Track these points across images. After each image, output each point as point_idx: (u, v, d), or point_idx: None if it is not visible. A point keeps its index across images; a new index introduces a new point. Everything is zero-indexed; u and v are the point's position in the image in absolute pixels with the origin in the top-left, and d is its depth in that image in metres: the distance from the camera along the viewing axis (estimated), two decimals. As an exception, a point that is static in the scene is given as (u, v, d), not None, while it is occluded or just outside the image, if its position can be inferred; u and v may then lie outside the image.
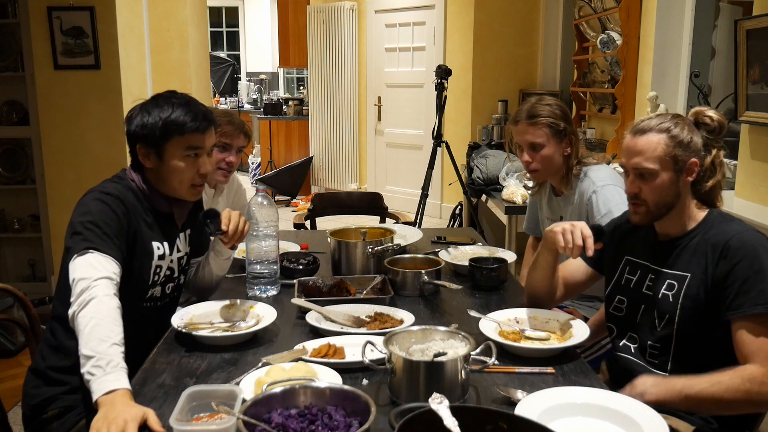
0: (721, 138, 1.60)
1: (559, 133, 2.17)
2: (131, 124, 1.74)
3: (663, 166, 1.55)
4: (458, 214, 5.41)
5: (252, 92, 10.85)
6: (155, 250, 1.77)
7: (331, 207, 3.50)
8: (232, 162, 2.40)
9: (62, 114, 3.96)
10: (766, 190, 2.76)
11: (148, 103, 1.74)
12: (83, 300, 1.43)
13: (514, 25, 6.02)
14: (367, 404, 1.11)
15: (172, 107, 1.71)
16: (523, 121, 2.19)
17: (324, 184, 7.73)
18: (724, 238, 1.52)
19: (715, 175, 1.59)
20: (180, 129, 1.71)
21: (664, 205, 1.58)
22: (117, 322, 1.42)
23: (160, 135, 1.70)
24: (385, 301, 1.84)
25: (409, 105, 6.76)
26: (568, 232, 1.66)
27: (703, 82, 3.82)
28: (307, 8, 7.67)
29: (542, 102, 2.20)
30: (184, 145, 1.73)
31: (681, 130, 1.56)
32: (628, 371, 1.65)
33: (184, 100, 1.75)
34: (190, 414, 1.23)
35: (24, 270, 4.25)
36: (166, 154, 1.73)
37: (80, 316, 1.41)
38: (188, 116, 1.72)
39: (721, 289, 1.49)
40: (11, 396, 1.88)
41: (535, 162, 2.19)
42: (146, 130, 1.71)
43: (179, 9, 5.98)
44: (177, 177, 1.75)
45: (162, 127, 1.70)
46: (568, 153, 2.19)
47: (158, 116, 1.70)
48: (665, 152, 1.55)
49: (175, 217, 1.85)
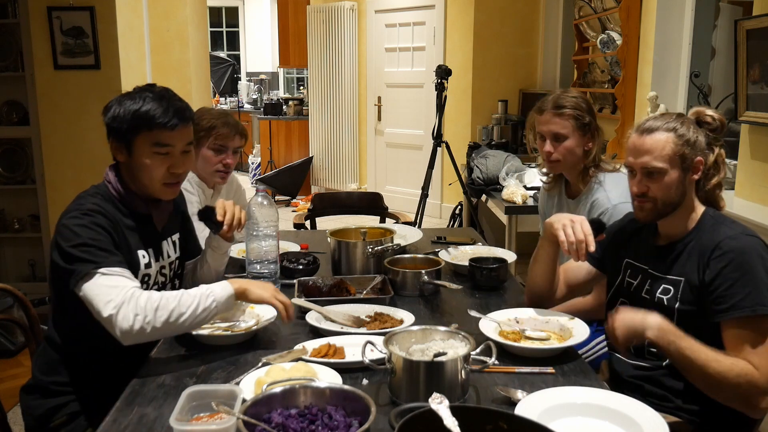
0: (722, 137, 1.62)
1: (583, 126, 2.15)
2: (106, 115, 1.66)
3: (672, 165, 1.56)
4: (458, 214, 5.41)
5: (252, 92, 10.85)
6: (140, 259, 1.71)
7: (331, 207, 3.50)
8: (230, 164, 2.39)
9: (62, 114, 3.96)
10: (766, 190, 2.76)
11: (126, 94, 1.67)
12: (133, 314, 1.45)
13: (514, 25, 6.02)
14: (367, 404, 1.11)
15: (144, 100, 1.62)
16: (549, 110, 2.17)
17: (324, 184, 7.73)
18: (715, 242, 1.52)
19: (719, 173, 1.61)
20: (148, 123, 1.62)
21: (670, 203, 1.59)
22: (156, 293, 1.52)
23: (127, 128, 1.62)
24: (385, 301, 1.84)
25: (409, 105, 6.76)
26: (569, 227, 1.67)
27: (703, 82, 3.82)
28: (307, 8, 7.67)
29: (568, 94, 2.20)
30: (152, 141, 1.63)
31: (687, 129, 1.57)
32: (623, 371, 1.66)
33: (160, 94, 1.65)
34: (190, 414, 1.23)
35: (24, 270, 4.25)
36: (135, 150, 1.64)
37: (150, 318, 1.46)
38: (158, 110, 1.62)
39: (710, 292, 1.50)
40: (11, 396, 1.87)
41: (556, 152, 2.16)
42: (116, 122, 1.63)
43: (179, 9, 5.98)
44: (147, 174, 1.66)
45: (130, 120, 1.62)
46: (590, 148, 2.17)
47: (129, 108, 1.62)
48: (674, 151, 1.56)
49: (154, 220, 1.77)
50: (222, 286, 1.57)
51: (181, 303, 1.49)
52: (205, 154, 2.34)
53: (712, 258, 1.51)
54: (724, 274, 1.48)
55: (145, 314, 1.46)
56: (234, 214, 1.83)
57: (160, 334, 1.50)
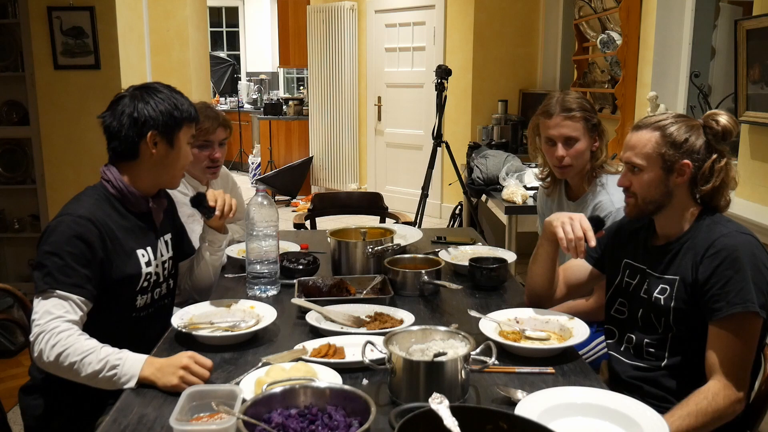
0: (725, 143, 1.57)
1: (592, 127, 2.13)
2: (140, 112, 1.68)
3: (650, 163, 1.57)
4: (458, 214, 5.41)
5: (252, 92, 10.84)
6: (141, 258, 1.73)
7: (331, 207, 3.50)
8: (218, 158, 2.34)
9: (62, 114, 3.97)
10: (766, 190, 2.76)
11: (141, 95, 1.70)
12: (45, 348, 1.48)
13: (514, 25, 6.02)
14: (367, 404, 1.11)
15: (173, 96, 1.74)
16: (558, 114, 2.11)
17: (324, 184, 7.73)
18: (709, 241, 1.52)
19: (712, 180, 1.55)
20: (190, 117, 1.75)
21: (651, 201, 1.59)
22: (83, 336, 1.50)
23: (174, 123, 1.71)
24: (385, 301, 1.84)
25: (409, 105, 6.76)
26: (567, 224, 1.68)
27: (703, 82, 3.82)
28: (307, 8, 7.67)
29: (571, 95, 2.16)
30: (191, 133, 1.78)
31: (677, 130, 1.56)
32: (622, 371, 1.67)
33: (170, 88, 1.77)
34: (190, 414, 1.23)
35: (24, 270, 4.25)
36: (177, 142, 1.74)
37: (52, 360, 1.47)
38: (191, 106, 1.77)
39: (705, 291, 1.50)
40: (11, 396, 1.87)
41: (569, 156, 2.11)
42: (162, 119, 1.70)
43: (179, 9, 5.99)
44: (184, 163, 1.79)
45: (176, 115, 1.71)
46: (597, 147, 2.15)
47: (169, 105, 1.71)
48: (654, 150, 1.56)
49: (153, 216, 1.80)
50: (132, 365, 1.44)
51: (84, 361, 1.47)
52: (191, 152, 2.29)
53: (706, 256, 1.51)
54: (719, 273, 1.48)
55: (47, 355, 1.49)
56: (225, 201, 1.87)
57: (61, 374, 1.51)
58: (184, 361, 1.41)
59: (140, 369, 1.43)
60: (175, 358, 1.43)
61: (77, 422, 1.68)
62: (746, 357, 1.48)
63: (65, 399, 1.67)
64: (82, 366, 1.46)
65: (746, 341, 1.47)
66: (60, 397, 1.68)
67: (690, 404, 1.44)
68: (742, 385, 1.47)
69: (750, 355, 1.49)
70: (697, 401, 1.44)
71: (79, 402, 1.66)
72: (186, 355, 1.43)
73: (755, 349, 1.50)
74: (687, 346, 1.57)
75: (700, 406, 1.43)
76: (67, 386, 1.53)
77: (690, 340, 1.56)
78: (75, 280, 1.55)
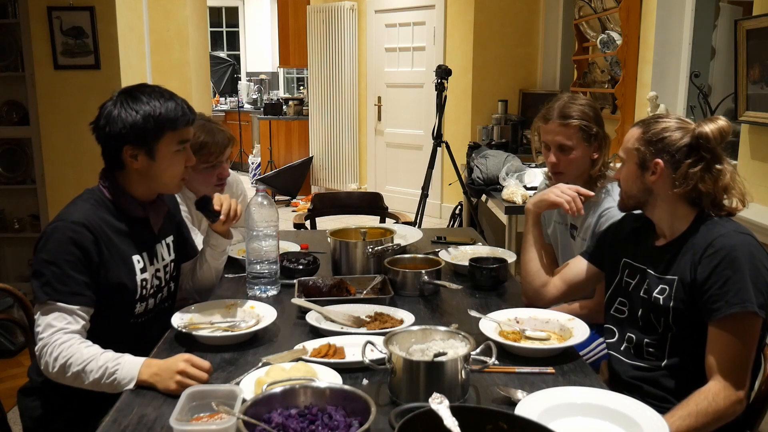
0: (704, 150, 1.53)
1: (590, 136, 2.06)
2: (109, 126, 1.62)
3: (629, 158, 1.64)
4: (458, 214, 5.41)
5: (252, 92, 10.85)
6: (135, 264, 1.71)
7: (331, 207, 3.50)
8: (225, 176, 2.30)
9: (62, 114, 3.96)
10: (766, 190, 2.76)
11: (124, 101, 1.64)
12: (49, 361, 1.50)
13: (514, 25, 6.02)
14: (367, 404, 1.11)
15: (156, 101, 1.63)
16: (554, 120, 2.07)
17: (324, 184, 7.73)
18: (707, 241, 1.52)
19: (686, 183, 1.53)
20: (173, 123, 1.64)
21: (631, 196, 1.66)
22: (83, 345, 1.52)
23: (152, 132, 1.62)
24: (385, 301, 1.84)
25: (409, 105, 6.76)
26: (557, 190, 1.86)
27: (703, 82, 3.82)
28: (307, 8, 7.67)
29: (575, 101, 2.09)
30: (177, 140, 1.67)
31: (662, 130, 1.57)
32: (622, 371, 1.67)
33: (160, 92, 1.67)
34: (191, 414, 1.23)
35: (24, 270, 4.25)
36: (159, 152, 1.65)
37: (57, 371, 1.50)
38: (177, 109, 1.65)
39: (703, 291, 1.50)
40: (11, 396, 1.87)
41: (561, 164, 2.09)
42: (136, 129, 1.61)
43: (179, 9, 5.99)
44: (170, 173, 1.69)
45: (155, 123, 1.62)
46: (596, 157, 2.09)
47: (147, 112, 1.61)
48: (633, 145, 1.62)
49: (151, 222, 1.77)
50: (129, 369, 1.45)
51: (86, 369, 1.49)
52: (200, 175, 2.19)
53: (704, 256, 1.51)
54: (717, 273, 1.48)
55: (52, 367, 1.51)
56: (231, 206, 1.86)
57: (70, 384, 1.53)
58: (180, 366, 1.40)
59: (138, 372, 1.44)
60: (172, 362, 1.42)
61: (76, 424, 1.68)
62: (746, 357, 1.48)
63: (63, 401, 1.67)
64: (84, 375, 1.48)
65: (745, 341, 1.47)
66: (58, 399, 1.67)
67: (690, 404, 1.44)
68: (742, 385, 1.47)
69: (750, 355, 1.49)
70: (697, 401, 1.44)
71: (77, 404, 1.66)
72: (182, 359, 1.42)
73: (755, 349, 1.50)
74: (687, 346, 1.57)
75: (700, 407, 1.43)
76: (65, 388, 1.53)
77: (690, 340, 1.56)
78: (73, 287, 1.56)
